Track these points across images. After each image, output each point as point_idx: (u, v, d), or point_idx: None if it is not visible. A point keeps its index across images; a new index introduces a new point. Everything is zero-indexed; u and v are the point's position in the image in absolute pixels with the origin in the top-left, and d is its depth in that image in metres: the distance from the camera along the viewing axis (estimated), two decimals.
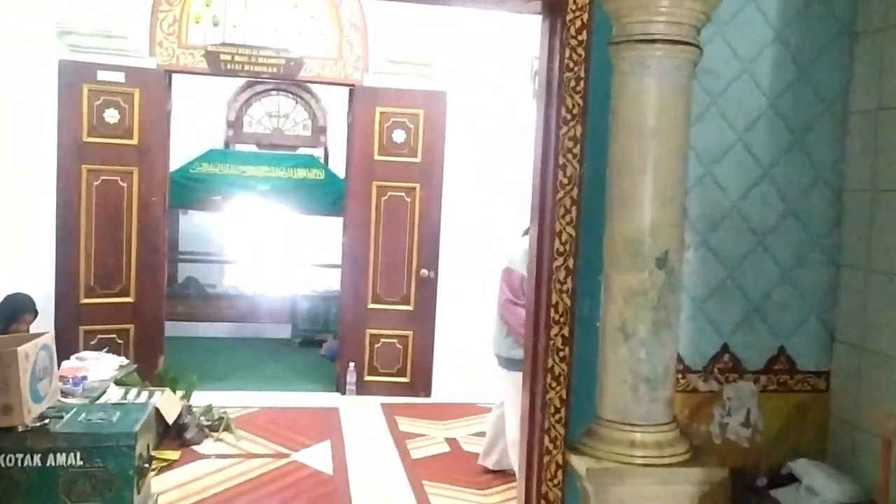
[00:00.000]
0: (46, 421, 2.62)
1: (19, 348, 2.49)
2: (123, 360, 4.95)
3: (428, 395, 5.80)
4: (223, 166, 8.36)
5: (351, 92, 5.82)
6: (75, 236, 5.25)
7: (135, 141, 5.37)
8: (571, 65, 2.51)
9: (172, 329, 7.90)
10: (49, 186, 5.20)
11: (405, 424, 5.02)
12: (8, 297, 4.33)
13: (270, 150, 9.81)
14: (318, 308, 8.20)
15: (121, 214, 5.38)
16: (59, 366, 4.92)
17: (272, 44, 5.64)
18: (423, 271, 5.74)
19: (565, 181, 2.52)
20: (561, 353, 2.54)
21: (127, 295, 5.44)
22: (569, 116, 2.52)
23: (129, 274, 5.43)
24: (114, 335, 5.40)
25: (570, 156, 2.53)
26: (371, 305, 5.78)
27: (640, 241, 2.22)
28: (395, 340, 5.79)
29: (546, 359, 2.55)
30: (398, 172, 5.71)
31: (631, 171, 2.23)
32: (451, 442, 4.69)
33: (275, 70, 5.64)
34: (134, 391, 4.46)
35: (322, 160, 10.06)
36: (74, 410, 2.85)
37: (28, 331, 4.34)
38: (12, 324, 4.25)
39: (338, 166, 8.17)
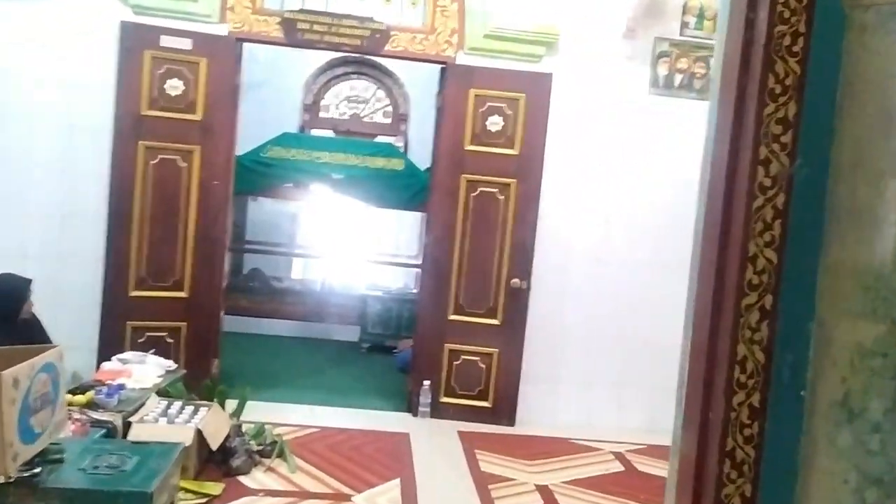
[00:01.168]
0: (38, 470, 2.01)
1: (4, 373, 1.88)
2: (170, 364, 4.42)
3: (511, 423, 5.08)
4: (296, 151, 7.83)
5: (442, 71, 5.13)
6: (128, 220, 4.74)
7: (198, 116, 4.82)
8: (787, 14, 1.74)
9: (233, 324, 7.42)
10: (101, 163, 4.70)
11: (488, 463, 4.31)
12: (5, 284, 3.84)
13: (347, 137, 9.26)
14: (390, 310, 7.57)
15: (178, 199, 4.84)
16: (97, 367, 4.47)
17: (356, 12, 5.01)
18: (515, 281, 5.02)
19: (767, 183, 1.75)
20: (747, 432, 1.79)
21: (181, 289, 4.90)
22: (778, 89, 1.75)
23: (183, 266, 4.89)
24: (164, 333, 4.87)
25: (776, 147, 1.75)
26: (452, 317, 5.09)
27: (880, 278, 1.48)
28: (478, 359, 5.09)
29: (723, 438, 1.79)
30: (492, 165, 5.01)
31: (872, 174, 1.51)
32: (544, 491, 3.95)
33: (357, 42, 4.99)
34: (177, 405, 3.91)
35: (402, 150, 9.46)
36: (82, 450, 2.23)
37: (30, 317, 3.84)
38: (21, 306, 3.79)
39: (417, 158, 7.53)
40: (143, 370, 4.19)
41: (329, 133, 9.89)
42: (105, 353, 4.65)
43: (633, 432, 5.09)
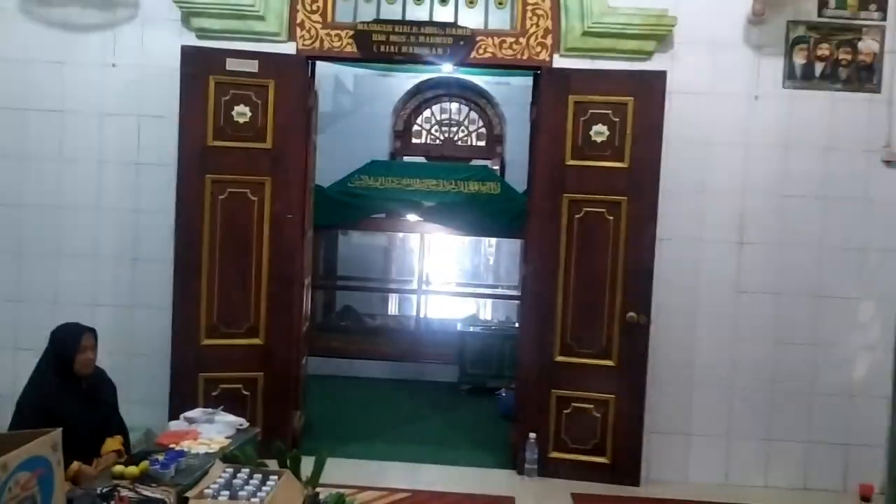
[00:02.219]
0: None
1: None
2: (242, 422, 3.95)
3: (635, 482, 4.37)
4: (385, 179, 7.41)
5: (536, 77, 4.56)
6: (196, 262, 4.37)
7: (268, 145, 4.42)
8: None
9: (323, 366, 7.03)
10: (168, 200, 4.35)
11: None
12: (55, 331, 3.50)
13: (438, 162, 8.82)
14: (490, 347, 6.97)
15: (249, 235, 4.44)
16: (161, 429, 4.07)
17: (436, 18, 4.51)
18: (631, 315, 4.33)
19: None
20: None
21: (255, 336, 4.48)
22: None
23: (257, 310, 4.47)
24: (239, 385, 4.46)
25: None
26: (559, 358, 4.44)
27: None
28: (591, 406, 4.41)
29: None
30: (597, 182, 4.37)
31: None
32: None
33: (439, 51, 4.48)
34: (244, 473, 3.41)
35: (498, 173, 8.92)
36: None
37: (95, 356, 3.52)
38: (75, 355, 3.41)
39: (515, 181, 6.95)
40: (211, 430, 3.75)
41: (421, 160, 9.49)
42: (177, 407, 4.26)
43: (784, 494, 4.30)
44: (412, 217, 7.49)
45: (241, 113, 4.38)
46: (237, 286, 4.44)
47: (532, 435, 4.44)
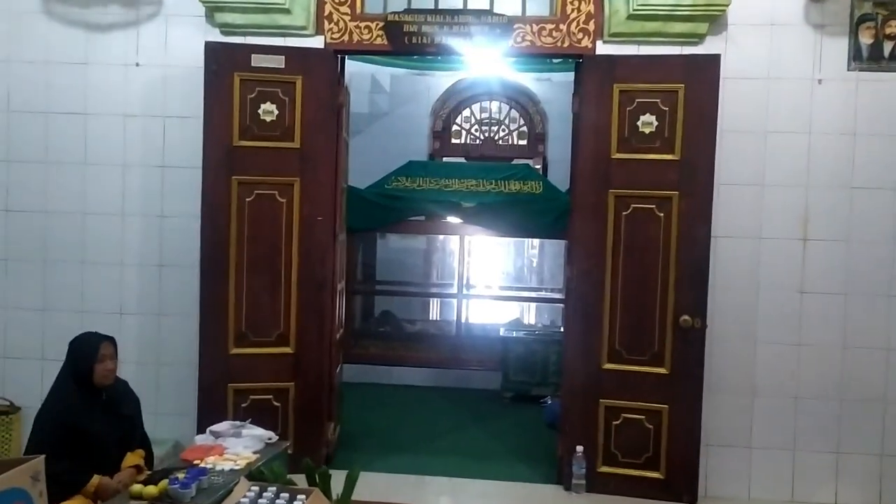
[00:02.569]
0: None
1: None
2: (271, 436, 3.76)
3: (693, 499, 4.06)
4: (423, 180, 7.19)
5: (578, 66, 4.29)
6: (223, 267, 4.19)
7: (296, 144, 4.23)
8: None
9: (362, 374, 6.84)
10: (193, 204, 4.18)
11: None
12: (73, 341, 3.38)
13: (478, 162, 8.58)
14: (534, 353, 6.68)
15: (278, 239, 4.25)
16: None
17: (471, 5, 4.28)
18: (685, 319, 4.03)
19: None
20: None
21: (286, 344, 4.29)
22: None
23: (287, 317, 4.28)
24: (269, 396, 4.27)
25: None
26: (607, 366, 4.16)
27: None
28: (643, 417, 4.12)
29: None
30: (646, 176, 4.08)
31: None
32: None
33: (475, 41, 4.24)
34: (270, 492, 3.21)
35: (540, 172, 8.65)
36: None
37: (115, 366, 3.38)
38: (94, 365, 3.29)
39: (559, 180, 6.67)
40: (238, 445, 3.56)
41: (461, 160, 9.26)
42: (205, 419, 4.11)
43: None
44: (452, 219, 7.25)
45: (268, 111, 4.20)
46: (266, 292, 4.26)
47: (579, 448, 4.16)
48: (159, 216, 4.41)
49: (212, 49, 4.13)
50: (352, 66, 8.97)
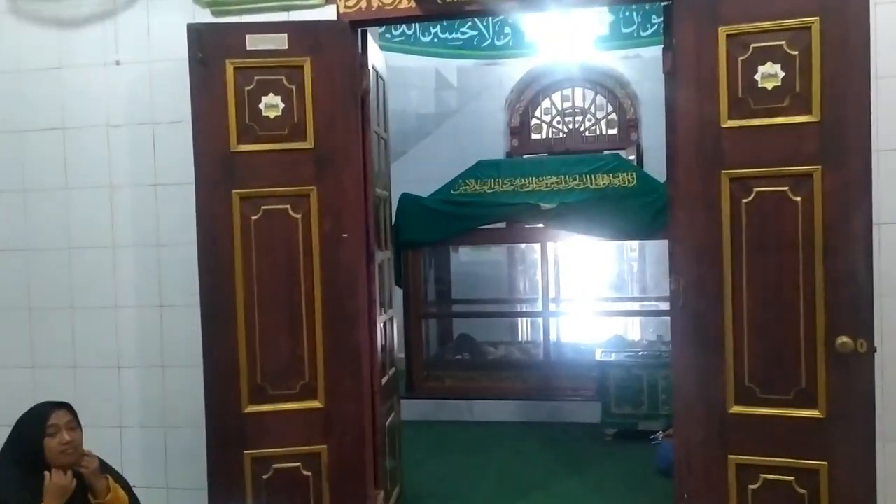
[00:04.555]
0: None
1: None
2: None
3: None
4: (495, 182, 6.27)
5: (666, 9, 3.27)
6: (229, 305, 3.38)
7: (309, 143, 3.39)
8: None
9: (439, 410, 6.00)
10: (190, 228, 3.40)
11: None
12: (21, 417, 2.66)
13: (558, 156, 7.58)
14: (638, 379, 5.63)
15: (295, 265, 3.41)
16: None
17: None
18: (843, 340, 2.92)
19: None
20: None
21: (313, 397, 3.44)
22: None
23: (313, 363, 3.43)
24: (296, 463, 3.43)
25: None
26: (735, 409, 3.10)
27: None
28: (792, 479, 3.03)
29: None
30: (773, 148, 3.01)
31: None
32: None
33: None
34: None
35: (634, 163, 7.60)
36: None
37: (78, 438, 2.69)
38: (43, 439, 2.52)
39: (657, 171, 5.62)
40: None
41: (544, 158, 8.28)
42: (218, 497, 3.33)
43: None
44: (531, 224, 6.29)
45: (271, 105, 3.37)
46: (284, 334, 3.42)
47: None
48: (156, 246, 3.68)
49: (196, 32, 3.34)
50: (413, 62, 8.22)
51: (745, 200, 3.06)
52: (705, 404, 3.15)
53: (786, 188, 3.00)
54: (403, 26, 7.24)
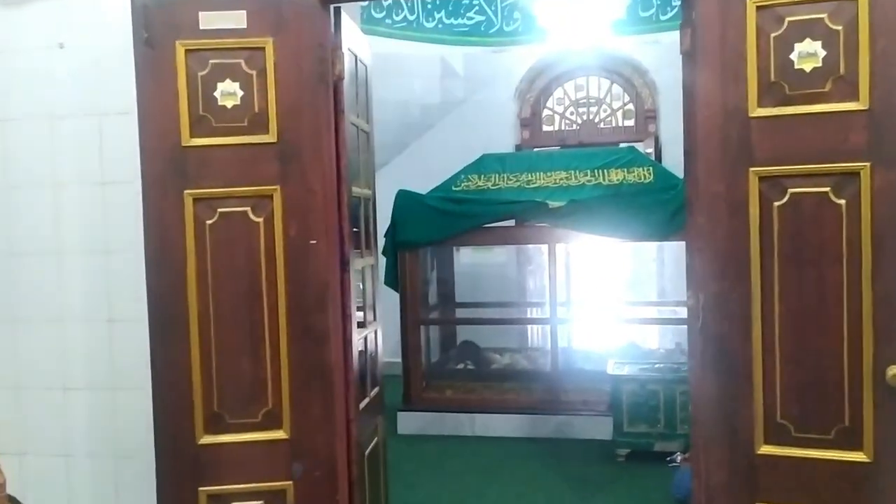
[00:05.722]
0: None
1: None
2: None
3: None
4: (500, 178, 5.84)
5: None
6: (181, 321, 2.97)
7: (272, 136, 2.97)
8: None
9: (438, 424, 5.60)
10: (134, 228, 3.00)
11: None
12: None
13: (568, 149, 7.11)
14: (654, 394, 5.19)
15: (256, 276, 3.00)
16: None
17: None
18: (895, 371, 2.46)
19: None
20: None
21: (277, 426, 3.03)
22: None
23: (277, 387, 3.02)
24: (259, 502, 3.02)
25: None
26: (765, 449, 2.65)
27: None
28: None
29: None
30: (811, 142, 2.56)
31: None
32: None
33: None
34: None
35: (652, 157, 7.14)
36: None
37: None
38: None
39: (676, 165, 5.15)
40: None
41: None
42: None
43: None
44: (538, 223, 5.85)
45: (229, 92, 2.95)
46: (245, 354, 3.01)
47: None
48: (104, 252, 3.28)
49: (141, 8, 2.92)
50: (416, 49, 7.76)
51: (777, 203, 2.60)
52: (729, 442, 2.71)
53: (827, 189, 2.54)
54: (405, 11, 6.81)
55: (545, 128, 8.49)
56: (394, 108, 7.72)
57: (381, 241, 6.25)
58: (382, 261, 5.34)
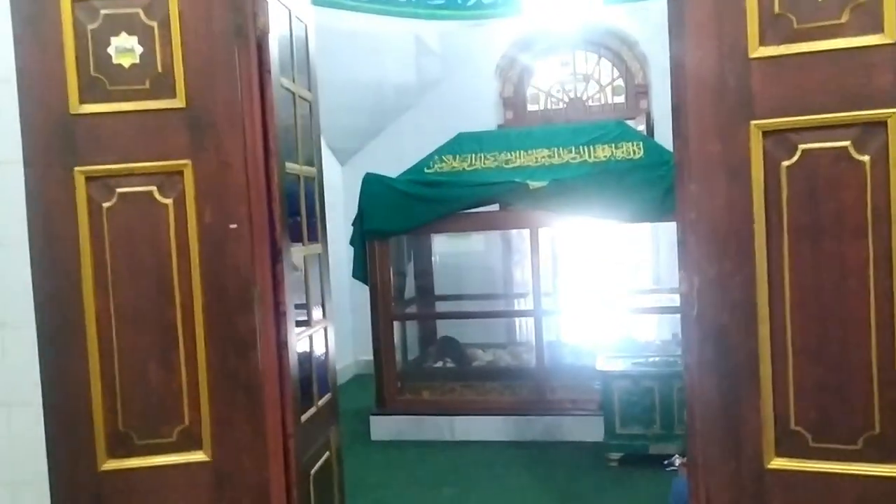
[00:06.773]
0: None
1: None
2: None
3: None
4: (476, 158, 5.37)
5: None
6: (77, 325, 2.51)
7: (179, 101, 2.50)
8: None
9: (415, 429, 5.15)
10: (21, 216, 2.53)
11: None
12: None
13: (551, 126, 6.65)
14: (649, 392, 4.74)
15: (166, 268, 2.54)
16: None
17: None
18: None
19: None
20: None
21: (196, 446, 2.57)
22: None
23: (195, 400, 2.56)
24: None
25: None
26: (776, 463, 2.21)
27: None
28: None
29: None
30: (825, 87, 2.10)
31: None
32: None
33: None
34: None
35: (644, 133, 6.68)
36: None
37: None
38: None
39: (669, 141, 4.69)
40: None
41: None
42: None
43: None
44: (519, 206, 5.38)
45: (125, 48, 2.48)
46: (154, 361, 2.55)
47: None
48: None
49: None
50: (389, 25, 7.29)
51: (785, 163, 2.15)
52: (733, 455, 2.25)
53: (846, 143, 2.09)
54: None
55: (530, 107, 8.03)
56: (365, 89, 7.25)
57: (346, 231, 5.83)
58: (337, 250, 4.88)
